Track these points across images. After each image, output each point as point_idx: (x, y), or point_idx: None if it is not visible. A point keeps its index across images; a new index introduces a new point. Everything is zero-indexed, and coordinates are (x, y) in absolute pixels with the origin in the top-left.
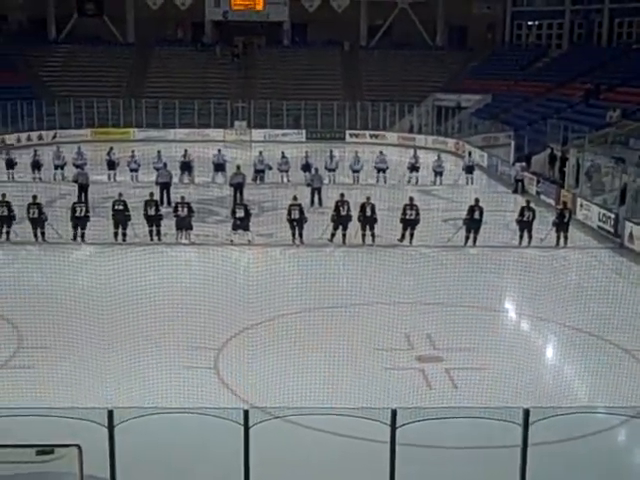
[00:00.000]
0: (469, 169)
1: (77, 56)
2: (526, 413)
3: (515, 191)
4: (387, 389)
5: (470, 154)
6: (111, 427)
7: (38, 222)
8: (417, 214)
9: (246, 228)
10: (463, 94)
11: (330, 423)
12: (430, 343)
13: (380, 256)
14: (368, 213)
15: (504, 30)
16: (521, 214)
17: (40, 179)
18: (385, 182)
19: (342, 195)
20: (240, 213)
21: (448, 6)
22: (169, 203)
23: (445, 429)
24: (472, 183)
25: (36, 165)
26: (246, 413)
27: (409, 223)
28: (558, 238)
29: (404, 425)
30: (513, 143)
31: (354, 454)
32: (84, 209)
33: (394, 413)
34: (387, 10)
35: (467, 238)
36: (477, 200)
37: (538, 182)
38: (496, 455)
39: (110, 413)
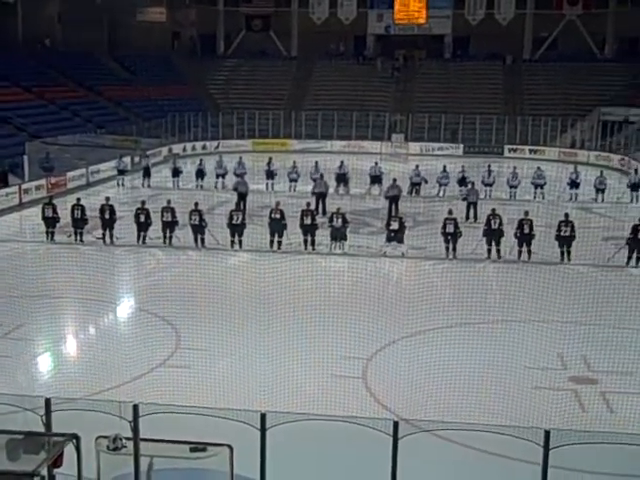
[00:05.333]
0: (635, 186)
1: (242, 70)
2: None
3: None
4: (537, 409)
5: (637, 171)
6: (263, 430)
7: (199, 228)
8: (572, 231)
9: (400, 240)
10: (632, 108)
11: (478, 440)
12: (585, 364)
13: (535, 273)
14: (526, 230)
15: None
16: None
17: (202, 187)
18: (543, 198)
19: (493, 209)
20: (395, 225)
21: (619, 17)
22: (324, 213)
23: (599, 455)
24: (637, 201)
25: (200, 173)
26: (396, 425)
27: (564, 240)
28: None
29: (557, 447)
30: None
31: (503, 474)
32: (240, 217)
33: (547, 434)
34: (554, 22)
35: (629, 258)
36: None
37: None
38: None
39: (263, 416)
